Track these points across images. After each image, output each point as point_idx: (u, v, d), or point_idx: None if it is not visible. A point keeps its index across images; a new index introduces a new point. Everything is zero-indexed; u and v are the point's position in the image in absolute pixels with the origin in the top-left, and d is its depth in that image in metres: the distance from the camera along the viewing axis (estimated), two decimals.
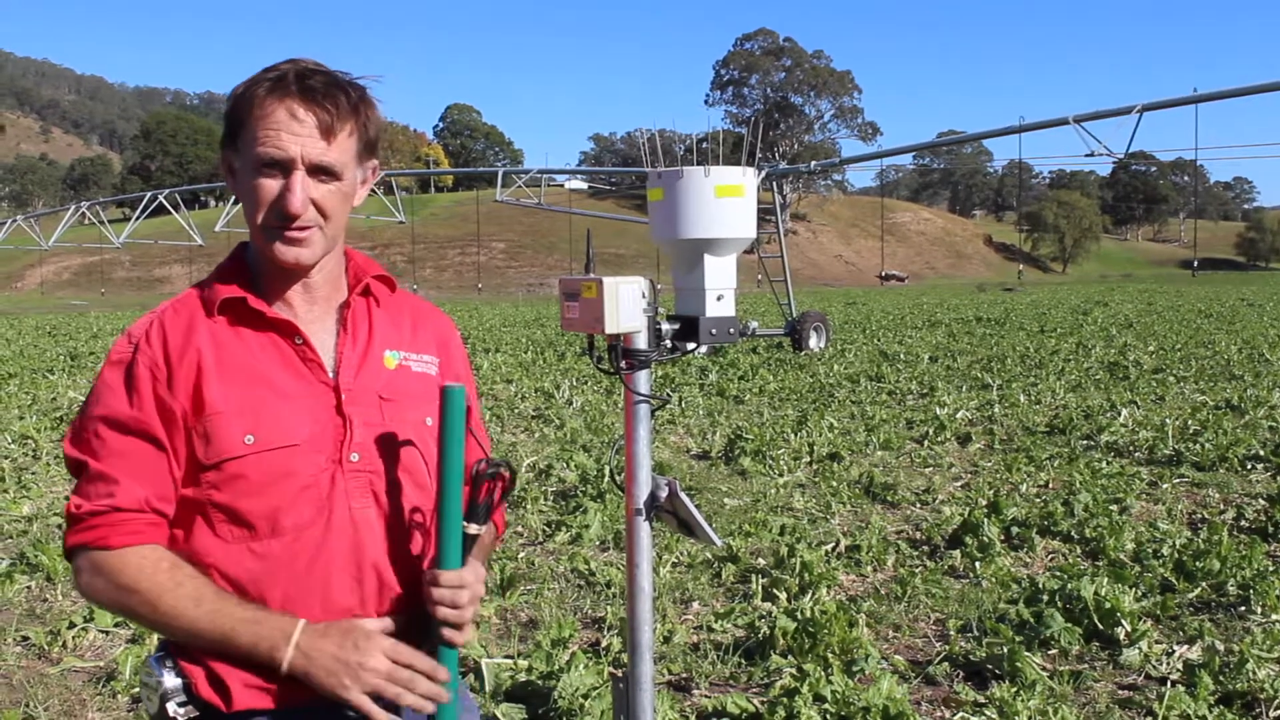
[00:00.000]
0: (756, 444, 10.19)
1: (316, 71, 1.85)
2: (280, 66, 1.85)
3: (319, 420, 1.88)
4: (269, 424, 1.83)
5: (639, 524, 2.42)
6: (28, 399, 15.54)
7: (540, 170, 46.36)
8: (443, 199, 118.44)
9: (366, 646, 1.79)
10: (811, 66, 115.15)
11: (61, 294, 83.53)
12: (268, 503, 1.83)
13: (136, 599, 1.79)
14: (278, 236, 1.84)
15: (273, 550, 1.85)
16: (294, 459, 1.84)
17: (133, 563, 1.79)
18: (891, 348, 22.23)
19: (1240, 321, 29.27)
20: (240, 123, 1.83)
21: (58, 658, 5.33)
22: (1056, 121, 26.31)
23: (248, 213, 1.87)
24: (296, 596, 1.86)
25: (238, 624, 1.77)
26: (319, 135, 1.82)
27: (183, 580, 1.79)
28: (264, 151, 1.80)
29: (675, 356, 2.46)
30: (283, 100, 1.80)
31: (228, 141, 1.89)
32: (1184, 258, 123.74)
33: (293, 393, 1.87)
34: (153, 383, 1.82)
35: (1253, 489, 8.42)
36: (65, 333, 34.90)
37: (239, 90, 1.85)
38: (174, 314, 1.90)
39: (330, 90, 1.83)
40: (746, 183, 2.45)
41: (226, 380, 1.84)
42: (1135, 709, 4.46)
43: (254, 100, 1.81)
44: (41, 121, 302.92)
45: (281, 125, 1.80)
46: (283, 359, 1.89)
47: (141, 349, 1.85)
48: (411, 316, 2.08)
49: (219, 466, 1.82)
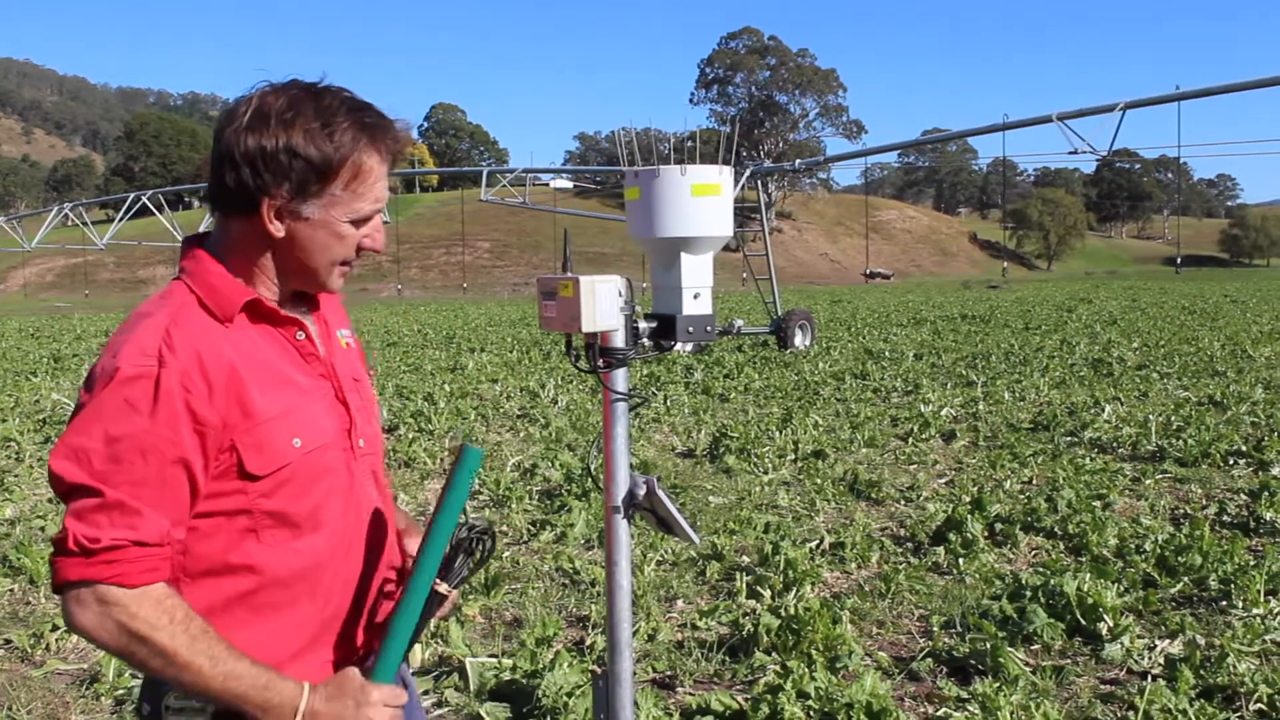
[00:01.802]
0: (741, 442, 10.20)
1: (389, 120, 1.85)
2: (360, 110, 1.80)
3: (332, 414, 1.90)
4: (308, 424, 1.83)
5: (618, 522, 2.43)
6: (10, 401, 15.47)
7: (525, 169, 46.24)
8: (428, 199, 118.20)
9: (366, 700, 1.79)
10: (796, 65, 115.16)
11: (45, 296, 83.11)
12: (311, 501, 1.84)
13: (148, 649, 1.67)
14: (341, 271, 1.88)
15: (315, 546, 1.85)
16: (327, 455, 1.86)
17: (149, 606, 1.66)
18: (876, 345, 22.27)
19: (1224, 318, 29.41)
20: (334, 176, 1.77)
21: (41, 660, 5.31)
22: (1040, 119, 26.36)
23: (322, 256, 1.82)
24: (340, 586, 1.91)
25: (249, 690, 1.72)
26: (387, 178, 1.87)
27: (198, 635, 1.69)
28: (373, 210, 1.83)
29: (653, 355, 2.47)
30: (385, 153, 1.82)
31: (303, 189, 1.76)
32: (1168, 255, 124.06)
33: (310, 389, 1.88)
34: (186, 397, 1.67)
35: (1235, 484, 8.47)
36: (48, 335, 34.72)
37: (324, 138, 1.74)
38: (186, 322, 1.75)
39: (403, 133, 1.87)
40: (723, 181, 2.45)
41: (262, 385, 1.78)
42: (1117, 703, 4.49)
43: (361, 161, 1.78)
44: (24, 123, 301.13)
45: (381, 178, 1.83)
46: (292, 357, 1.88)
47: (168, 362, 1.68)
48: (333, 296, 2.07)
49: (273, 474, 1.78)
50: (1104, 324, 27.85)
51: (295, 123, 1.73)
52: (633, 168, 2.50)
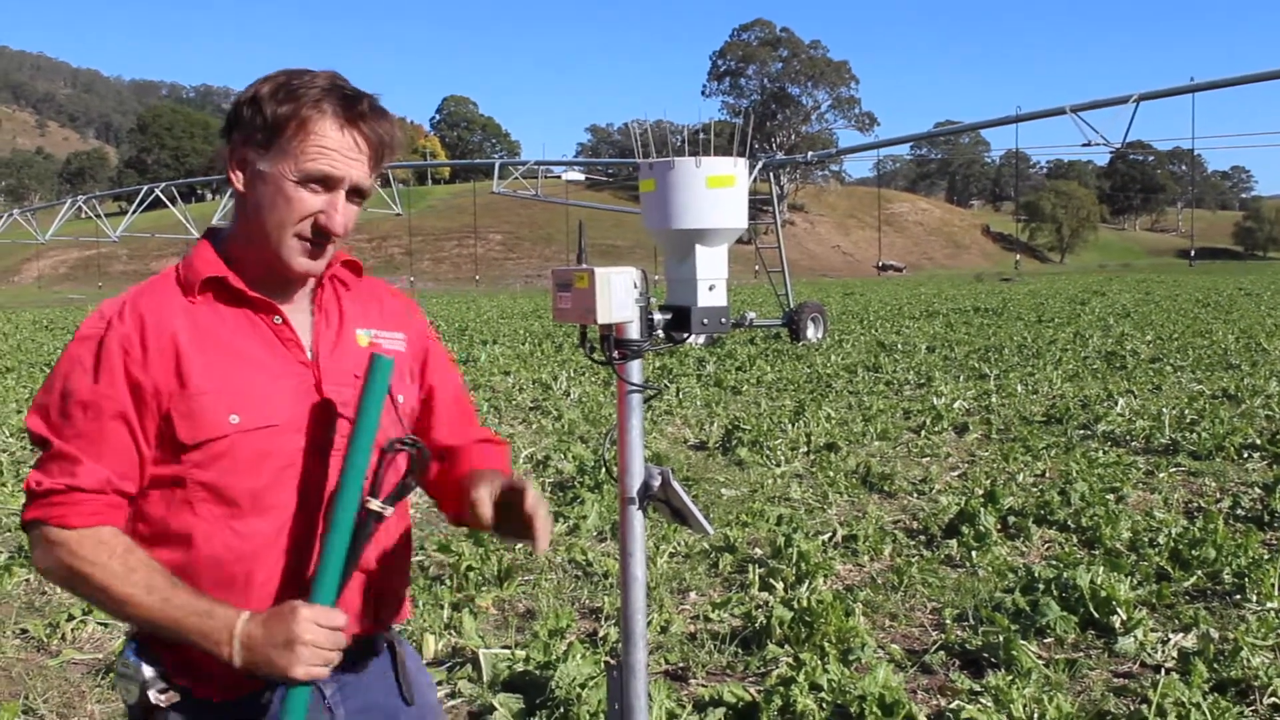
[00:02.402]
0: (754, 434, 10.20)
1: (368, 96, 1.89)
2: (329, 80, 1.85)
3: (299, 401, 1.89)
4: (253, 403, 1.84)
5: (632, 513, 2.43)
6: (25, 393, 15.54)
7: (537, 162, 46.28)
8: (440, 191, 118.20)
9: (295, 619, 1.76)
10: (808, 57, 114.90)
11: (58, 288, 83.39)
12: (252, 481, 1.85)
13: (89, 585, 1.79)
14: (301, 247, 1.87)
15: (257, 529, 1.86)
16: (274, 439, 1.86)
17: (88, 545, 1.78)
18: (889, 338, 22.24)
19: (1238, 311, 29.28)
20: (284, 127, 1.82)
21: (56, 650, 5.35)
22: (1053, 111, 26.32)
23: (270, 215, 1.84)
24: (282, 576, 1.88)
25: (187, 615, 1.76)
26: (367, 163, 1.88)
27: (135, 566, 1.78)
28: (316, 168, 1.82)
29: (667, 347, 2.47)
30: (348, 125, 1.84)
31: (253, 139, 1.84)
32: (1181, 247, 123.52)
33: (274, 372, 1.89)
34: (124, 359, 1.80)
35: (1249, 478, 8.44)
36: (62, 326, 34.86)
37: (286, 94, 1.82)
38: (150, 292, 1.88)
39: (382, 119, 1.89)
40: (738, 173, 2.45)
41: (208, 359, 1.83)
42: (1130, 697, 4.48)
43: (312, 115, 1.82)
44: (37, 115, 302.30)
45: (340, 148, 1.83)
46: (262, 338, 1.90)
47: (114, 325, 1.82)
48: (378, 298, 2.13)
49: (203, 446, 1.82)
50: (1117, 317, 27.76)
51: (269, 81, 1.85)
52: (647, 160, 2.50)
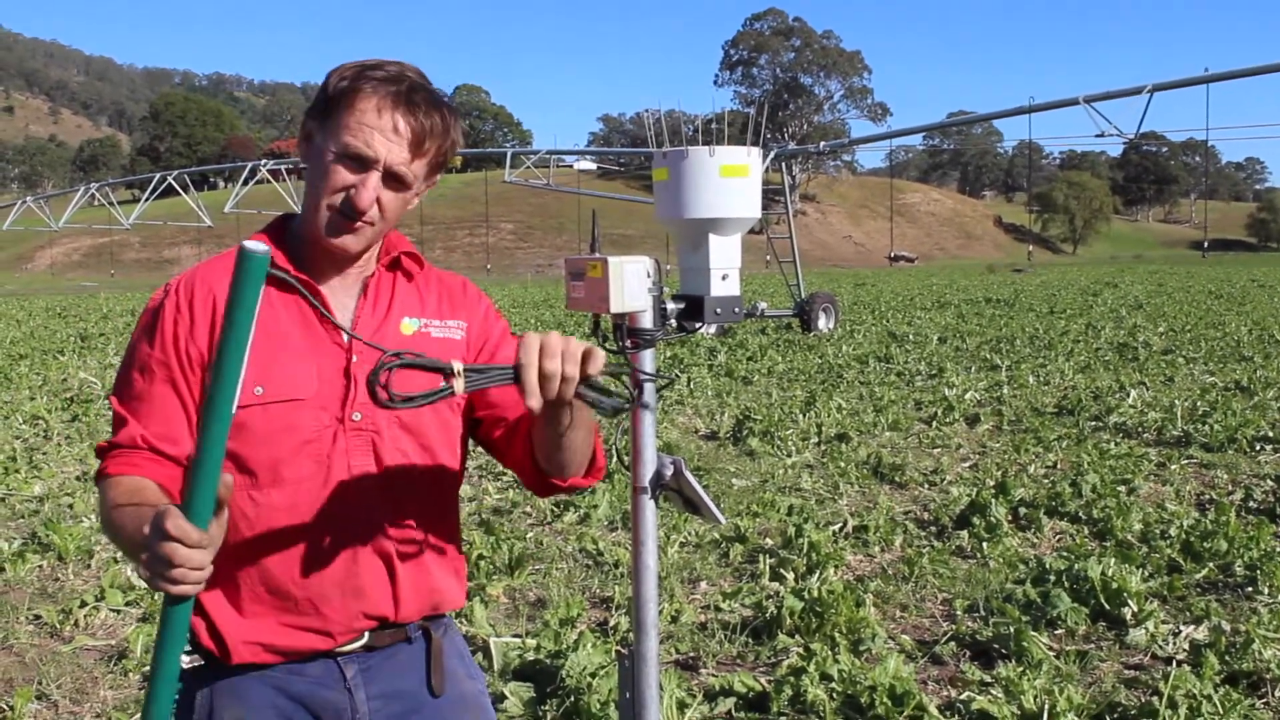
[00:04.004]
0: (765, 425, 10.20)
1: (425, 87, 1.91)
2: (394, 69, 1.90)
3: (326, 379, 1.92)
4: (279, 377, 1.89)
5: (644, 503, 2.43)
6: (38, 380, 15.61)
7: (549, 151, 46.23)
8: (451, 180, 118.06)
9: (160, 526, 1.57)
10: (821, 47, 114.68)
11: (71, 275, 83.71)
12: (270, 453, 1.88)
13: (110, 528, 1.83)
14: (335, 222, 1.89)
15: (272, 499, 1.90)
16: (298, 413, 1.89)
17: (110, 488, 1.85)
18: (900, 329, 22.20)
19: (1251, 303, 29.17)
20: (337, 104, 1.87)
21: (70, 636, 5.38)
22: (1067, 102, 26.15)
23: (312, 186, 1.91)
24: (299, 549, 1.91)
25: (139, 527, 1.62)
26: (407, 149, 1.88)
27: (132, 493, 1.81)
28: (352, 143, 1.85)
29: (680, 336, 2.47)
30: (389, 106, 1.86)
31: (317, 112, 1.92)
32: (1195, 239, 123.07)
33: (305, 350, 1.92)
34: (175, 326, 1.90)
35: (1261, 470, 8.42)
36: (75, 314, 34.99)
37: (346, 74, 1.88)
38: (210, 265, 1.98)
39: (432, 111, 1.90)
40: (751, 163, 2.44)
41: None
42: (1141, 688, 4.48)
43: (360, 92, 1.86)
44: (50, 103, 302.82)
45: (378, 128, 1.85)
46: (300, 318, 1.94)
47: (170, 295, 1.93)
48: (438, 289, 2.13)
49: None
50: (1129, 308, 27.68)
51: (352, 64, 1.92)
52: (660, 149, 2.49)
